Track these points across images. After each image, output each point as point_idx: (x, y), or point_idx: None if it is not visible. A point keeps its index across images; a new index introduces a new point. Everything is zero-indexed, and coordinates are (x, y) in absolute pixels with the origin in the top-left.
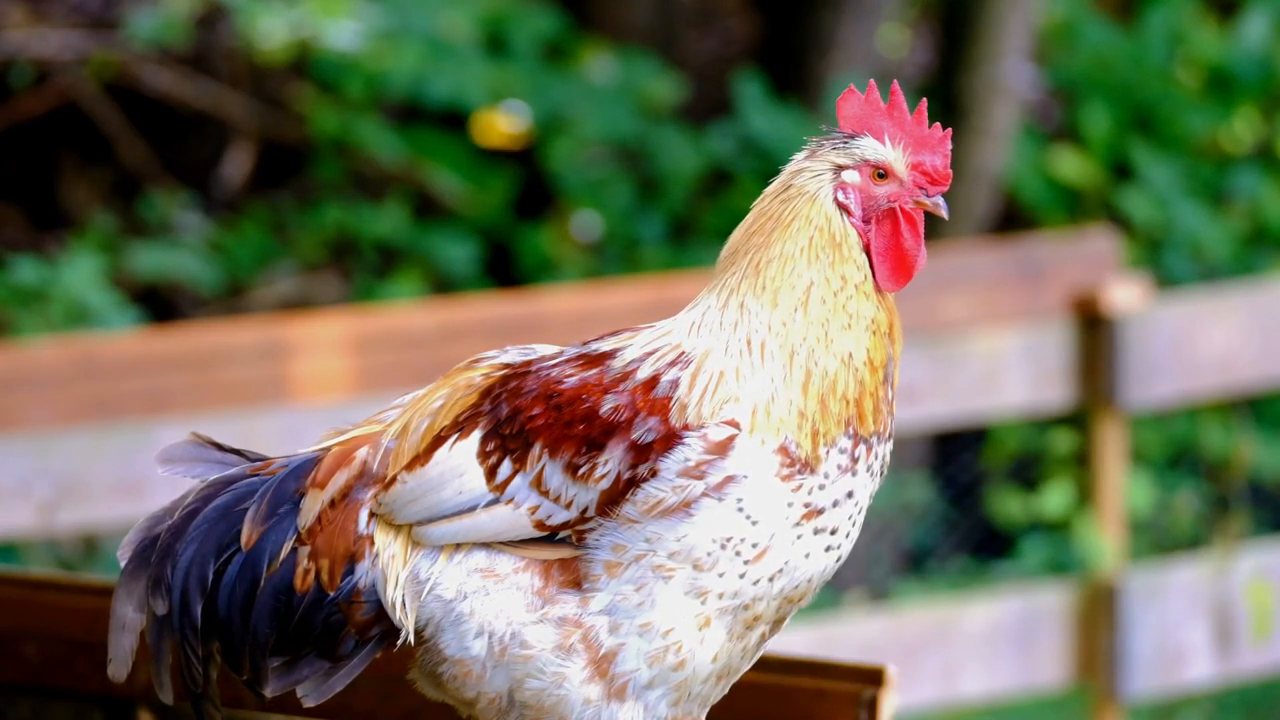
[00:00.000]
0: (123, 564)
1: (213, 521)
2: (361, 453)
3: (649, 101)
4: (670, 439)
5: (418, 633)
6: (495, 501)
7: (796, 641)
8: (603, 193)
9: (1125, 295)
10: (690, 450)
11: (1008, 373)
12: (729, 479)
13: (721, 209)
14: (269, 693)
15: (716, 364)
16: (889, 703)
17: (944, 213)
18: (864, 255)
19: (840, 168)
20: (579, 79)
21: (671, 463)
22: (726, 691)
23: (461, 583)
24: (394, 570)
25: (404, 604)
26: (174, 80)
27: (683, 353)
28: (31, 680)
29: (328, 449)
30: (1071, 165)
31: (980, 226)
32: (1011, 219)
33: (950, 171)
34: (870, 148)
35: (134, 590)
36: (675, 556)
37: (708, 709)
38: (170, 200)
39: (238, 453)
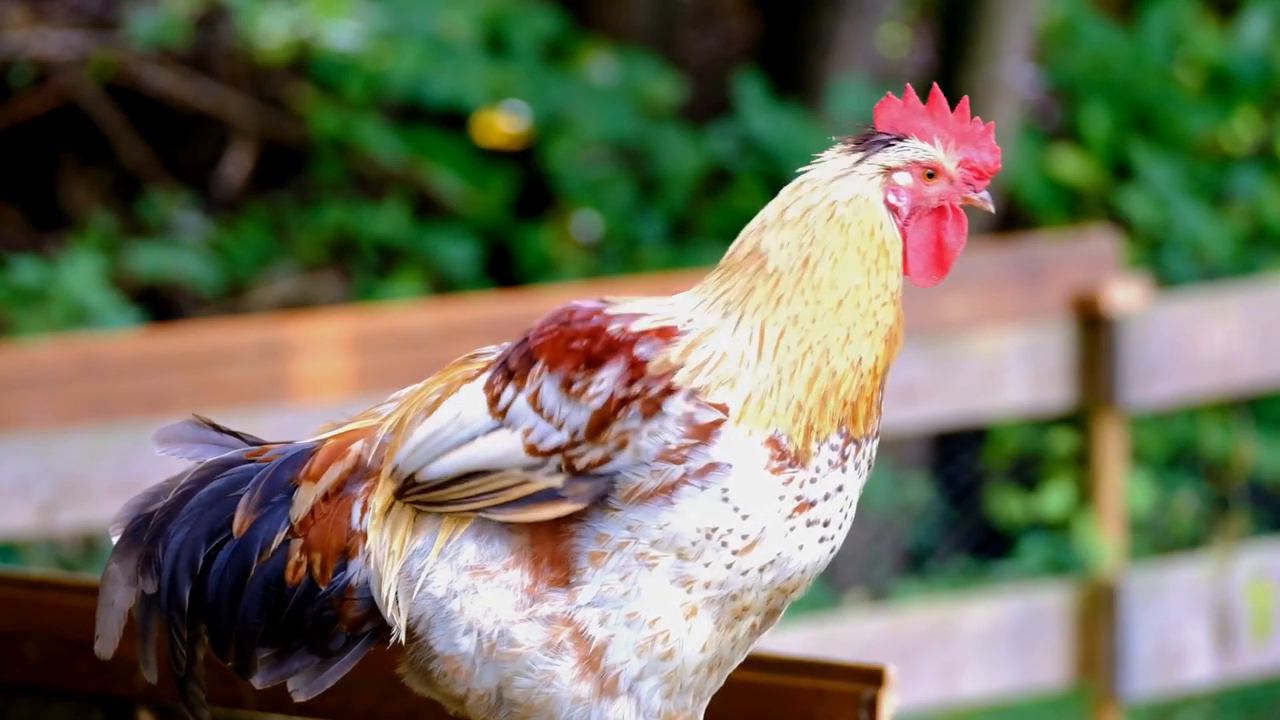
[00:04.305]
0: (114, 540)
1: (206, 505)
2: (356, 446)
3: (649, 101)
4: (670, 375)
5: (409, 630)
6: (496, 428)
7: (796, 641)
8: (603, 193)
9: (1125, 295)
10: (670, 434)
11: (1008, 373)
12: (711, 466)
13: (721, 209)
14: (258, 684)
15: (723, 343)
16: (889, 703)
17: (990, 207)
18: (901, 260)
19: (890, 170)
20: (579, 79)
21: (651, 445)
22: (721, 684)
23: (451, 580)
24: (388, 567)
25: (396, 601)
26: (174, 80)
27: (692, 321)
28: (31, 680)
29: (323, 441)
30: (1071, 165)
31: (980, 226)
32: (1011, 219)
33: (1000, 164)
34: (919, 149)
35: (124, 568)
36: (658, 544)
37: (705, 702)
38: (170, 200)
39: (236, 435)
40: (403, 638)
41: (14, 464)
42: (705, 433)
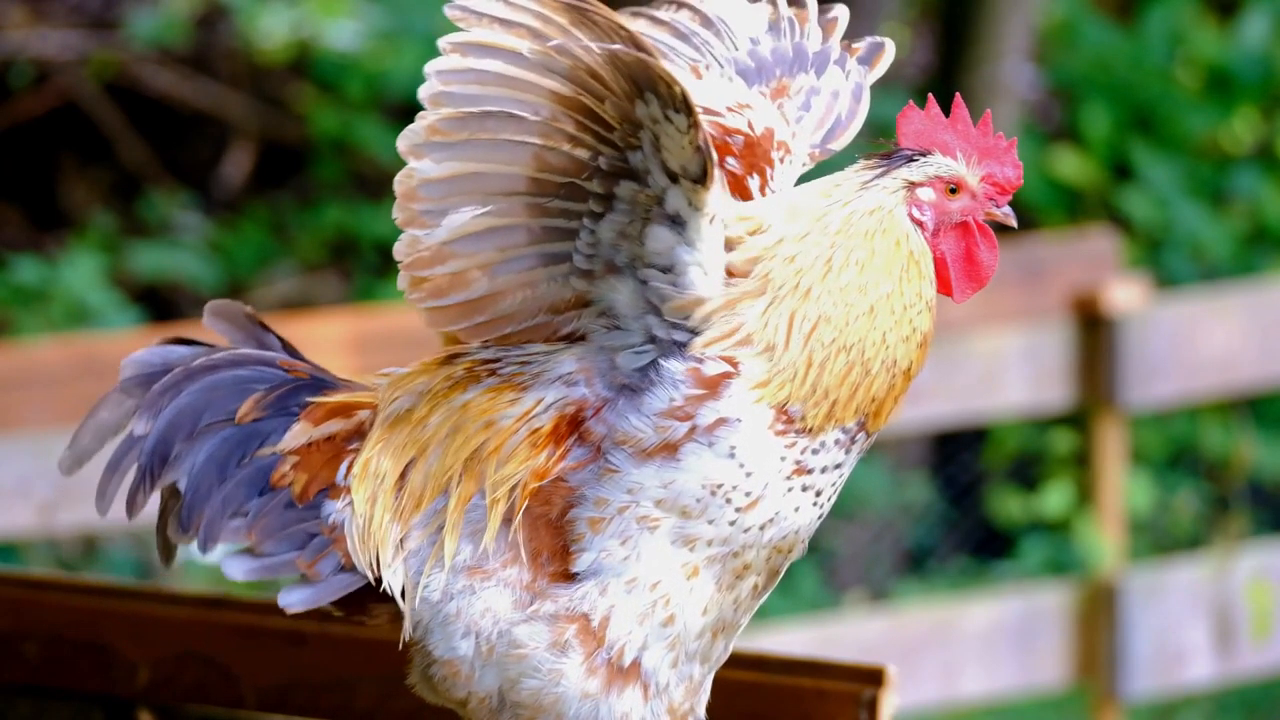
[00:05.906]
0: (122, 377)
1: (227, 385)
2: (363, 414)
3: None
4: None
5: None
6: None
7: (796, 641)
8: None
9: (1125, 295)
10: (675, 391)
11: (1008, 373)
12: (721, 421)
13: None
14: (240, 574)
15: (750, 322)
16: (889, 703)
17: (1013, 222)
18: (933, 270)
19: (913, 184)
20: None
21: (654, 400)
22: (729, 653)
23: (448, 584)
24: (366, 531)
25: (376, 566)
26: (174, 80)
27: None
28: (31, 680)
29: (337, 400)
30: (1071, 165)
31: None
32: None
33: (1021, 179)
34: (942, 164)
35: (123, 403)
36: (661, 505)
37: (712, 670)
38: (170, 200)
39: (282, 340)
40: (407, 638)
41: (14, 464)
42: (713, 385)
